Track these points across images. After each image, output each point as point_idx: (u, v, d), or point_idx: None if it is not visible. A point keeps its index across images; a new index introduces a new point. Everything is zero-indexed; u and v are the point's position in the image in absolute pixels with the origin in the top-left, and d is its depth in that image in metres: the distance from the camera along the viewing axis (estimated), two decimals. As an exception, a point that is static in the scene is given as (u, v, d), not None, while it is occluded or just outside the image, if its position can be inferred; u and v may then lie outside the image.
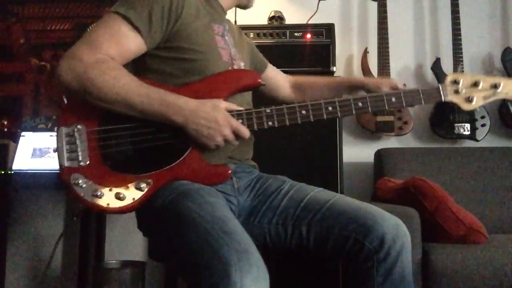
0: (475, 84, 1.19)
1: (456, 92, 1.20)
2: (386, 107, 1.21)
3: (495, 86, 1.19)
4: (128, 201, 1.07)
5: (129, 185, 1.08)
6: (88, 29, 1.25)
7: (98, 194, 1.06)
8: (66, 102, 2.27)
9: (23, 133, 2.21)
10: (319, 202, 1.17)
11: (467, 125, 2.32)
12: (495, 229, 1.97)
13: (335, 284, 1.90)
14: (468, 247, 1.57)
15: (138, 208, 1.09)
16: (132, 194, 1.07)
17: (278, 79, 1.52)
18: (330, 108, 1.17)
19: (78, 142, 1.09)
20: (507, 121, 2.37)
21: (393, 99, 1.20)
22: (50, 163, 2.11)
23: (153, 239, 1.15)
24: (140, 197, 1.07)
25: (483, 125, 2.33)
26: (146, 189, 1.07)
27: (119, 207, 1.07)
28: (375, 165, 2.28)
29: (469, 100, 1.20)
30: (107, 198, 1.07)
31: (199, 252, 0.90)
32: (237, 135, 1.10)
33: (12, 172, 2.09)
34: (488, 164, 2.16)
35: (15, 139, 2.20)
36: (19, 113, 2.52)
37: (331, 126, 2.01)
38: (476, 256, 1.52)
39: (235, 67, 1.26)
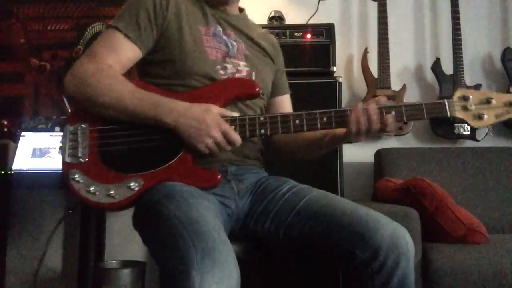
0: (487, 102, 1.13)
1: (465, 108, 1.12)
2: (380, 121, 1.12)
3: (510, 104, 1.13)
4: (118, 199, 1.10)
5: (122, 183, 1.11)
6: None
7: (92, 190, 1.11)
8: (70, 110, 2.29)
9: (23, 133, 2.21)
10: (312, 208, 1.13)
11: (467, 125, 2.32)
12: (495, 229, 1.98)
13: (335, 285, 1.89)
14: (468, 247, 1.57)
15: (128, 206, 1.12)
16: (123, 192, 1.10)
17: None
18: (324, 119, 1.13)
19: (80, 139, 1.15)
20: (507, 121, 2.36)
21: (393, 113, 1.11)
22: (50, 163, 2.11)
23: (141, 237, 1.17)
24: (130, 196, 1.10)
25: (483, 125, 2.33)
26: (136, 189, 1.10)
27: (109, 204, 1.11)
28: (375, 165, 2.28)
29: (479, 117, 1.12)
30: (100, 195, 1.11)
31: (168, 252, 0.91)
32: (228, 140, 1.10)
33: (12, 172, 2.09)
34: (488, 164, 2.16)
35: (15, 139, 2.19)
36: (19, 113, 2.52)
37: (331, 126, 2.00)
38: (476, 256, 1.52)
39: (229, 65, 1.24)
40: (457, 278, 1.49)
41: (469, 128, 2.31)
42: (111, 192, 1.10)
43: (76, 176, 1.13)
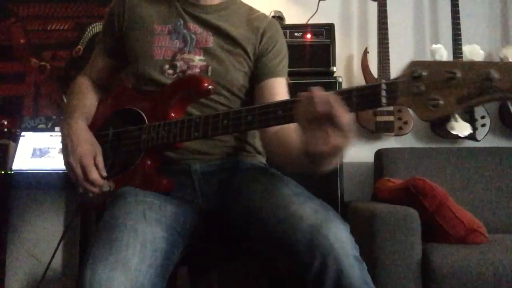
0: (448, 78, 0.73)
1: (410, 93, 0.76)
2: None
3: (486, 79, 0.70)
4: (98, 200, 1.16)
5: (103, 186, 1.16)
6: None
7: (81, 191, 1.18)
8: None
9: (23, 133, 2.21)
10: (258, 213, 1.02)
11: (467, 125, 2.32)
12: (495, 229, 1.97)
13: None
14: (468, 247, 1.57)
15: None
16: (101, 194, 1.15)
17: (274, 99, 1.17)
18: (249, 118, 0.96)
19: None
20: (507, 121, 2.37)
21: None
22: (50, 163, 2.11)
23: None
24: (107, 196, 1.14)
25: (483, 125, 2.33)
26: (108, 192, 1.13)
27: (93, 205, 1.19)
28: (375, 165, 2.28)
29: (432, 105, 0.74)
30: (89, 196, 1.17)
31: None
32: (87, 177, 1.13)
33: (12, 172, 2.09)
34: (488, 164, 2.16)
35: (15, 139, 2.20)
36: (19, 113, 2.52)
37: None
38: (476, 256, 1.52)
39: (179, 63, 1.20)
40: (457, 278, 1.49)
41: (469, 128, 2.31)
42: (90, 194, 1.15)
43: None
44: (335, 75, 2.16)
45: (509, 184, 2.11)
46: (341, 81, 2.12)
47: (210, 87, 1.10)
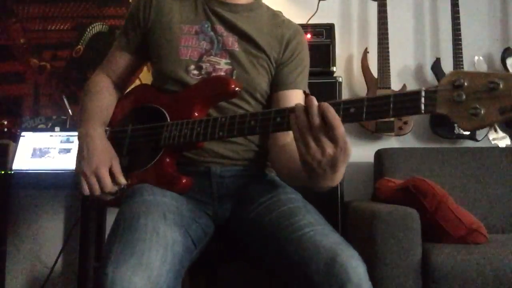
0: (490, 88, 0.72)
1: (452, 101, 0.75)
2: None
3: None
4: (111, 196, 1.14)
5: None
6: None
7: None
8: (69, 110, 2.29)
9: (23, 133, 2.21)
10: (272, 228, 1.03)
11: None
12: (495, 229, 1.98)
13: None
14: (468, 247, 1.57)
15: (118, 203, 1.13)
16: (115, 190, 1.14)
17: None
18: (278, 119, 0.95)
19: None
20: (507, 120, 2.36)
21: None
22: (50, 163, 2.11)
23: None
24: (119, 195, 1.14)
25: (483, 125, 2.32)
26: (124, 187, 1.13)
27: (106, 201, 1.16)
28: (375, 165, 2.28)
29: (472, 114, 0.73)
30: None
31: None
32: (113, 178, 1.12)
33: (12, 172, 2.09)
34: (488, 164, 2.16)
35: (15, 139, 2.20)
36: (19, 113, 2.52)
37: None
38: (476, 256, 1.52)
39: (205, 65, 1.19)
40: (457, 278, 1.49)
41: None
42: (107, 190, 1.14)
43: None
44: (335, 75, 2.16)
45: (509, 184, 2.11)
46: (341, 81, 2.12)
47: (237, 89, 1.10)
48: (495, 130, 2.23)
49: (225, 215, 1.20)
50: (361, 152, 2.41)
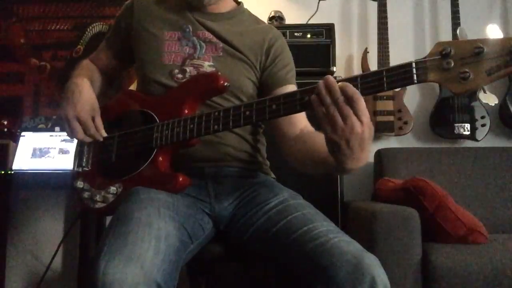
0: (475, 53, 0.79)
1: (440, 68, 0.81)
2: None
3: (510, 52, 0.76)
4: (101, 204, 1.16)
5: (108, 189, 1.16)
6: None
7: (86, 195, 1.19)
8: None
9: (23, 133, 2.21)
10: (288, 232, 1.04)
11: (467, 125, 2.32)
12: (495, 229, 1.98)
13: None
14: (468, 247, 1.57)
15: (110, 211, 1.11)
16: (106, 197, 1.16)
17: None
18: (274, 106, 0.96)
19: (85, 149, 1.24)
20: (507, 121, 2.37)
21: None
22: (50, 163, 2.11)
23: None
24: (111, 201, 1.14)
25: (483, 125, 2.33)
26: (116, 194, 1.14)
27: (96, 209, 1.18)
28: (375, 165, 2.28)
29: (461, 78, 0.79)
30: (93, 199, 1.18)
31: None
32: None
33: (12, 172, 2.09)
34: (488, 164, 2.16)
35: (15, 139, 2.20)
36: (19, 113, 2.52)
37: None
38: (476, 256, 1.52)
39: (189, 68, 1.20)
40: (457, 278, 1.49)
41: (469, 128, 2.31)
42: (97, 197, 1.16)
43: (78, 183, 1.21)
44: (335, 75, 2.16)
45: (509, 184, 2.11)
46: (341, 81, 2.12)
47: (226, 83, 1.11)
48: (484, 91, 2.30)
49: (224, 214, 1.19)
50: (361, 152, 2.40)
